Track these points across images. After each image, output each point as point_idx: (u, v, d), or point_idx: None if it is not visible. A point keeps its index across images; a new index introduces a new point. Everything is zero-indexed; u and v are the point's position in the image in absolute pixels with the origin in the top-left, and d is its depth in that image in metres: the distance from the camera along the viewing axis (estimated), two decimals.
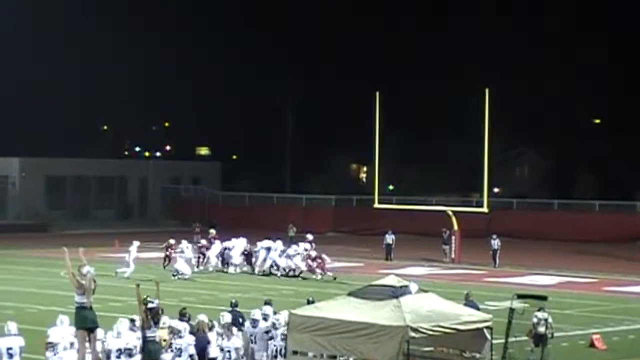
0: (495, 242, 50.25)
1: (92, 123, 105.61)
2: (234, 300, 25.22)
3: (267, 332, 21.85)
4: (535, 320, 25.51)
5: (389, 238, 52.62)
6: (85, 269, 20.74)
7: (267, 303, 24.55)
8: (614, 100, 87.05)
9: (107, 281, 40.87)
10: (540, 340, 25.46)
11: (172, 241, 45.29)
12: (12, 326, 20.53)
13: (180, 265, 43.03)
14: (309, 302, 23.06)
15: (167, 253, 45.28)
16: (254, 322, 22.14)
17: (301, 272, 43.99)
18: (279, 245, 45.25)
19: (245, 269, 45.28)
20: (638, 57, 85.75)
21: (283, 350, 21.26)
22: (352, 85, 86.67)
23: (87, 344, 20.51)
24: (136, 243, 43.49)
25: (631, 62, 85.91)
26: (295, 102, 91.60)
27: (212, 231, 47.86)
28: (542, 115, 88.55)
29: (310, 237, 46.57)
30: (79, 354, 20.19)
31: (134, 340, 20.67)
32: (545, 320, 25.54)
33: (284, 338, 21.29)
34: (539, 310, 25.59)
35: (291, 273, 44.11)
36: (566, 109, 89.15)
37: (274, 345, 21.66)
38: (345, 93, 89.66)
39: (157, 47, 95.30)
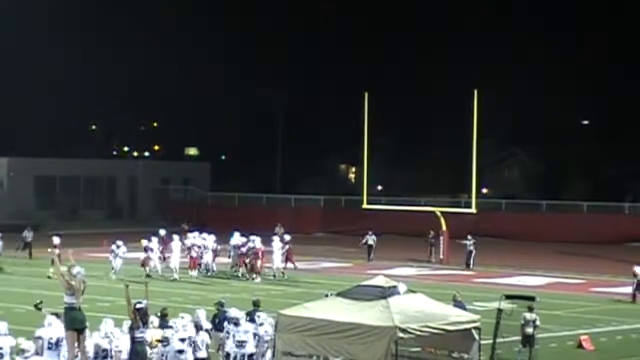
0: (470, 243, 49.51)
1: (80, 123, 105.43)
2: (223, 301, 25.15)
3: (180, 352, 20.76)
4: (523, 321, 25.58)
5: (370, 239, 52.45)
6: (75, 270, 20.73)
7: (255, 304, 24.48)
8: (603, 103, 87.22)
9: (95, 281, 40.84)
10: (528, 340, 25.53)
11: (56, 240, 43.10)
12: (1, 326, 20.54)
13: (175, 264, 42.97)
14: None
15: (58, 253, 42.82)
16: (165, 341, 20.89)
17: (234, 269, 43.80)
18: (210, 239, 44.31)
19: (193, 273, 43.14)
20: (629, 60, 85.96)
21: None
22: (341, 86, 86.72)
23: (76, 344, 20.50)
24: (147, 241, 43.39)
25: (621, 65, 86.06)
26: (284, 102, 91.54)
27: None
28: (533, 117, 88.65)
29: (287, 237, 46.22)
30: (68, 355, 20.19)
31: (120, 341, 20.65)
32: (534, 321, 25.60)
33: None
34: (528, 311, 25.65)
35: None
36: (556, 111, 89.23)
37: None
38: (334, 94, 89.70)
39: (146, 47, 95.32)
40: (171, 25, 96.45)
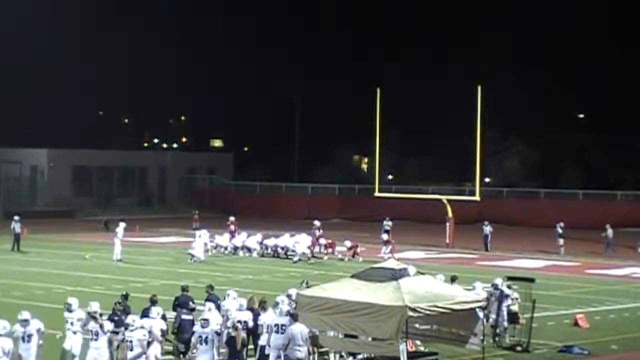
0: (487, 228, 49.93)
1: (115, 117, 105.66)
2: (184, 284, 23.99)
3: None
4: (510, 300, 25.28)
5: (387, 225, 52.17)
6: None
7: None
8: (597, 97, 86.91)
9: (128, 264, 41.00)
10: (513, 318, 25.18)
11: None
12: (73, 301, 20.58)
13: (197, 250, 42.97)
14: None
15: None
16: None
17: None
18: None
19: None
20: (621, 57, 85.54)
21: None
22: (354, 83, 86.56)
23: None
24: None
25: (614, 63, 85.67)
26: (302, 98, 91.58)
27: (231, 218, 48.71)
28: (531, 111, 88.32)
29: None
30: None
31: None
32: (516, 299, 25.35)
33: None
34: (509, 289, 25.35)
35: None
36: (553, 105, 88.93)
37: None
38: (348, 90, 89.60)
39: (174, 47, 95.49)
40: (187, 27, 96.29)
